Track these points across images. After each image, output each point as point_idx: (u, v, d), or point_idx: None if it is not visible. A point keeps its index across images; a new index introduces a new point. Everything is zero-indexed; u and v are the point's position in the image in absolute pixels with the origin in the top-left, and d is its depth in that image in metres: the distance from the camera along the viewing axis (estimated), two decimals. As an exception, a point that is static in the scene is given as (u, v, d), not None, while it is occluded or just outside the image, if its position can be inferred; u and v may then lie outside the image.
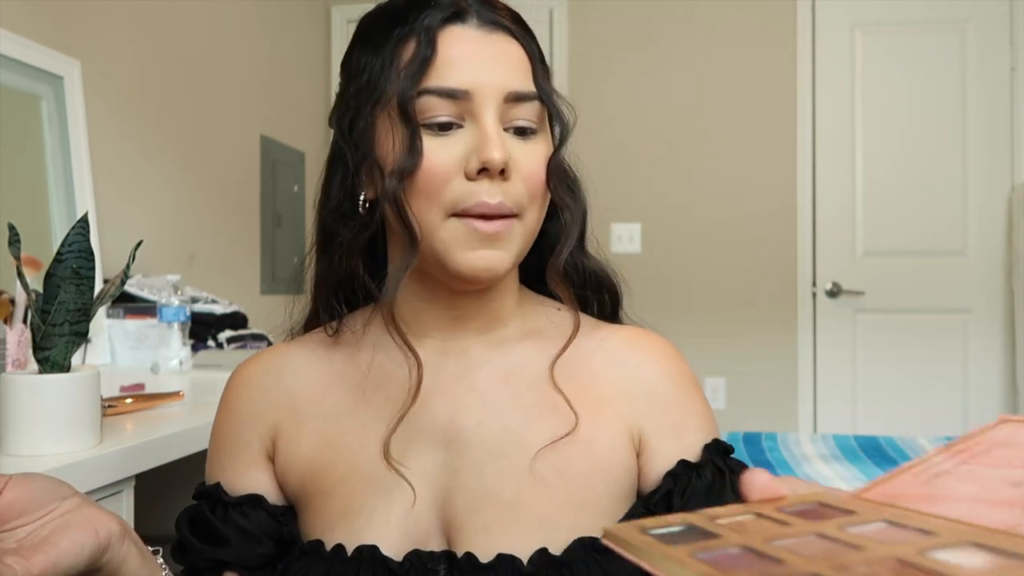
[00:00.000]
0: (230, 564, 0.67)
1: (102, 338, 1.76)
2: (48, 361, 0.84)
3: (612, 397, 0.67)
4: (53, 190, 1.77)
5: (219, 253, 2.57)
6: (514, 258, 0.63)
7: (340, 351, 0.70)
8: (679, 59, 3.29)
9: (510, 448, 0.64)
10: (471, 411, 0.65)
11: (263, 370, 0.71)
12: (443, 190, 0.60)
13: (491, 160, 0.59)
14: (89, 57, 1.92)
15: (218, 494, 0.68)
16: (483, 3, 0.64)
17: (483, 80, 0.61)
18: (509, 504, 0.62)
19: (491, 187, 0.60)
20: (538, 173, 0.63)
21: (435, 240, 0.61)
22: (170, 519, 0.70)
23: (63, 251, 0.81)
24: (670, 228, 3.25)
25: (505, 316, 0.69)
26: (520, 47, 0.64)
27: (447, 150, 0.61)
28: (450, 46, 0.62)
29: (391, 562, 0.61)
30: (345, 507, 0.64)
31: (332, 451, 0.66)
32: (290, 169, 3.08)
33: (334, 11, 3.47)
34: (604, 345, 0.69)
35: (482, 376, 0.67)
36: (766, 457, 2.10)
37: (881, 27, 3.19)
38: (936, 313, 3.16)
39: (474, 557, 0.60)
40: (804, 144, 3.22)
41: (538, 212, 0.64)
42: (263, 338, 2.08)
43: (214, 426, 0.72)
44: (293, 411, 0.68)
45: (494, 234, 0.61)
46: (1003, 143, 3.11)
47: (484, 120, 0.61)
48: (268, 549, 0.67)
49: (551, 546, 0.60)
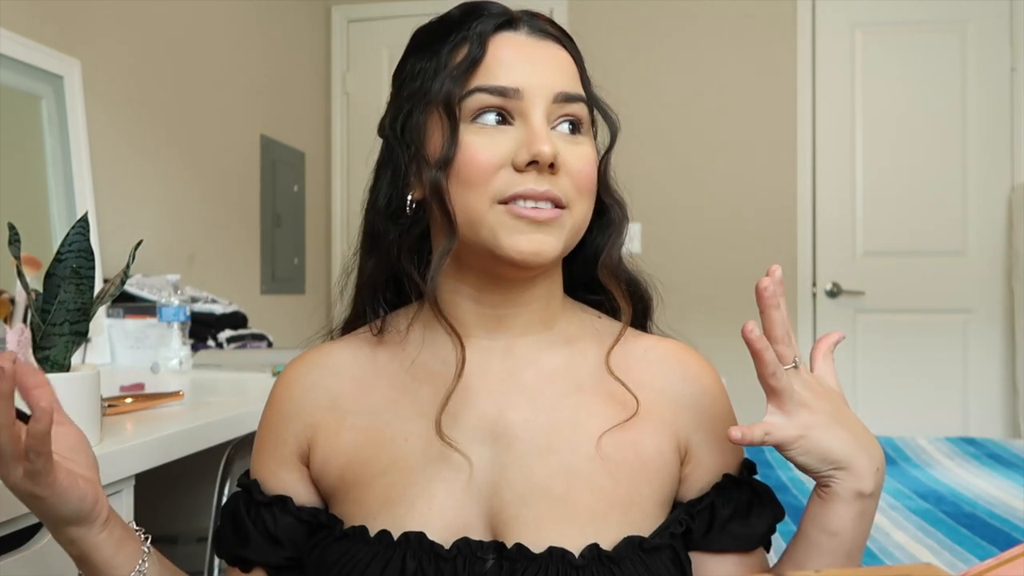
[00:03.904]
0: (255, 562, 0.70)
1: (102, 338, 1.76)
2: (48, 361, 0.84)
3: (659, 404, 0.69)
4: (53, 190, 1.77)
5: (219, 253, 2.57)
6: (563, 245, 0.65)
7: (384, 349, 0.72)
8: (679, 59, 3.29)
9: (559, 445, 0.65)
10: (519, 408, 0.67)
11: (307, 369, 0.73)
12: (490, 180, 0.63)
13: (541, 153, 0.62)
14: (89, 57, 1.92)
15: (252, 491, 0.71)
16: (533, 16, 0.68)
17: (533, 80, 0.64)
18: (559, 499, 0.64)
19: (539, 178, 0.63)
20: (586, 171, 0.66)
21: (482, 228, 0.63)
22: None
23: (63, 251, 0.81)
24: (670, 228, 3.25)
25: (549, 319, 0.71)
26: (568, 54, 0.68)
27: (495, 144, 0.63)
28: (501, 49, 0.65)
29: (439, 548, 0.62)
30: (386, 497, 0.65)
31: (373, 445, 0.67)
32: (290, 169, 3.08)
33: (334, 11, 3.47)
34: (648, 355, 0.72)
35: (529, 374, 0.69)
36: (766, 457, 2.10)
37: (881, 27, 3.19)
38: (936, 313, 3.16)
39: (525, 548, 0.62)
40: (804, 144, 3.22)
41: (586, 208, 0.67)
42: (263, 338, 2.08)
43: (259, 423, 0.74)
44: (334, 408, 0.70)
45: (544, 220, 0.63)
46: (1003, 143, 3.11)
47: (533, 118, 0.63)
48: (291, 552, 0.70)
49: (601, 542, 0.62)
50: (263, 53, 2.87)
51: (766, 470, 1.97)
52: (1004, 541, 1.46)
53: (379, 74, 3.39)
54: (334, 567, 0.64)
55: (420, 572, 0.61)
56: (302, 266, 3.17)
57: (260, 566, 0.71)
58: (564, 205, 0.64)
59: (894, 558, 1.40)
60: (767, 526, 0.69)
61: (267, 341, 2.08)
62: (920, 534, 1.51)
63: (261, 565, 0.71)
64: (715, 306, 3.20)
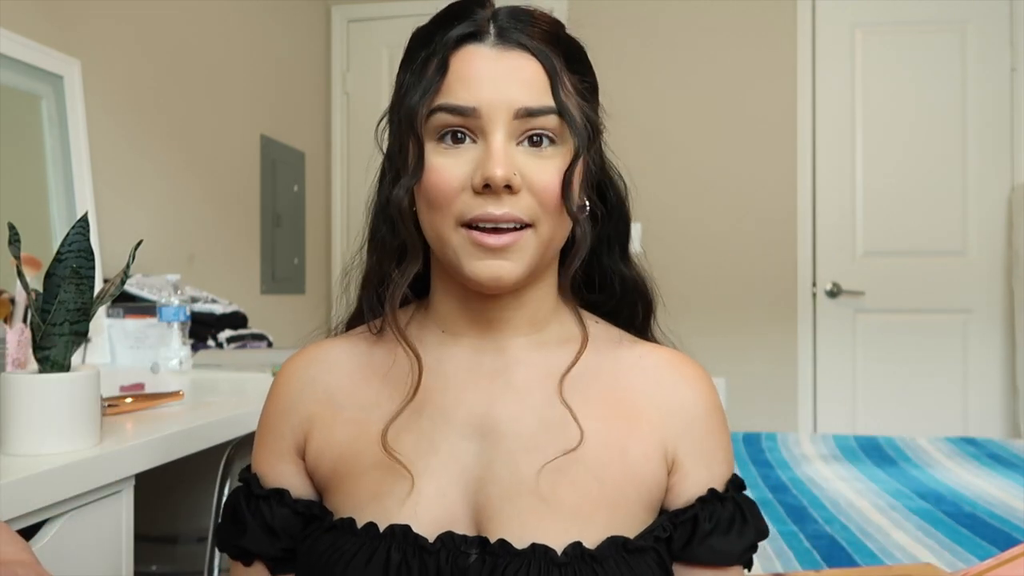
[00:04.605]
0: (255, 554, 0.71)
1: (102, 338, 1.76)
2: (48, 361, 0.84)
3: (648, 411, 0.69)
4: (53, 190, 1.77)
5: (219, 253, 2.57)
6: (524, 268, 0.64)
7: (381, 347, 0.72)
8: (679, 59, 3.29)
9: (546, 443, 0.65)
10: (507, 405, 0.67)
11: (304, 364, 0.74)
12: (452, 203, 0.63)
13: (492, 177, 0.61)
14: (89, 57, 1.92)
15: (252, 485, 0.72)
16: (512, 16, 0.66)
17: (491, 97, 0.63)
18: (544, 496, 0.64)
19: (497, 200, 0.62)
20: (551, 187, 0.64)
21: (448, 249, 0.64)
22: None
23: (63, 251, 0.81)
24: (670, 228, 3.24)
25: (541, 321, 0.71)
26: (537, 63, 0.64)
27: (456, 165, 0.63)
28: (462, 65, 0.64)
29: (423, 540, 0.63)
30: (375, 490, 0.66)
31: (366, 439, 0.68)
32: (290, 169, 3.08)
33: (334, 11, 3.47)
34: (642, 362, 0.71)
35: (520, 374, 0.69)
36: (766, 457, 2.10)
37: (881, 27, 3.19)
38: (936, 313, 3.16)
39: (508, 543, 0.62)
40: (804, 144, 3.22)
41: (555, 221, 0.65)
42: (263, 338, 2.08)
43: (260, 417, 0.75)
44: (330, 402, 0.71)
45: (501, 247, 0.62)
46: (1003, 143, 3.11)
47: (492, 137, 0.62)
48: (288, 544, 0.71)
49: (585, 541, 0.63)
50: (263, 53, 2.87)
51: (766, 470, 1.97)
52: (1004, 541, 1.46)
53: (379, 74, 3.39)
54: (321, 558, 0.65)
55: (404, 565, 0.62)
56: (302, 266, 3.17)
57: (260, 559, 0.72)
58: (528, 223, 0.63)
59: (894, 558, 1.40)
60: (747, 544, 0.69)
61: (267, 341, 2.09)
62: (920, 534, 1.51)
63: (260, 557, 0.72)
64: (715, 306, 3.20)
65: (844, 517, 1.59)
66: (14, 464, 0.80)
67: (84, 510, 0.86)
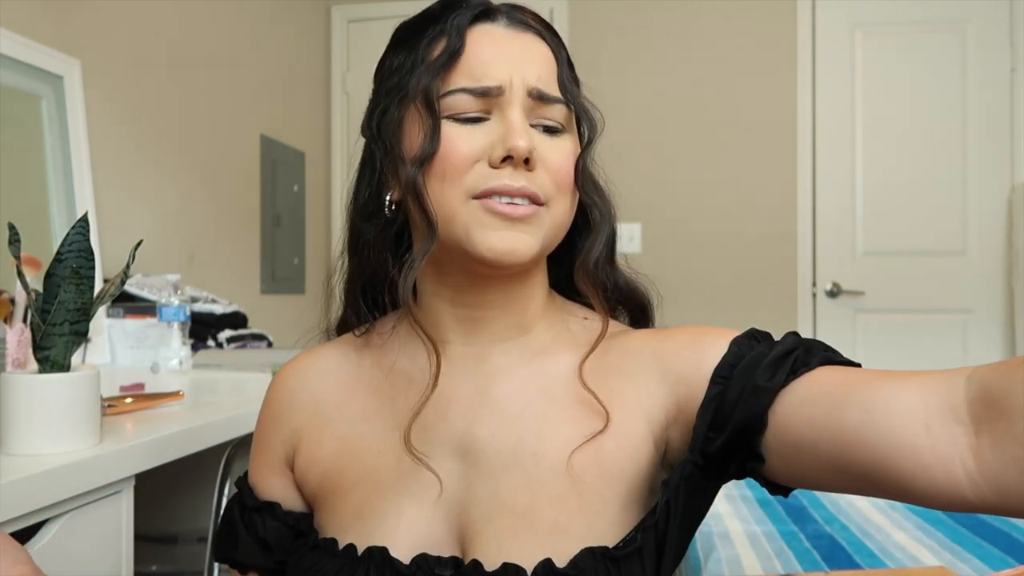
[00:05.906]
0: (249, 566, 0.71)
1: (102, 338, 1.76)
2: (48, 361, 0.84)
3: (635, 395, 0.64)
4: (53, 190, 1.77)
5: (219, 253, 2.57)
6: (540, 245, 0.62)
7: (369, 354, 0.71)
8: (679, 59, 3.28)
9: (524, 458, 0.63)
10: (486, 423, 0.65)
11: (295, 373, 0.73)
12: (465, 175, 0.61)
13: (516, 147, 0.60)
14: (89, 57, 1.92)
15: (245, 495, 0.72)
16: (513, 7, 0.66)
17: (510, 76, 0.62)
18: (521, 514, 0.62)
19: (515, 173, 0.61)
20: (565, 167, 0.64)
21: (455, 224, 0.61)
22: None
23: (63, 251, 0.81)
24: (670, 228, 3.25)
25: (529, 322, 0.68)
26: (548, 48, 0.66)
27: (472, 137, 0.62)
28: (479, 43, 0.63)
29: (399, 564, 0.62)
30: (358, 510, 0.65)
31: (349, 455, 0.67)
32: (290, 169, 3.08)
33: (334, 11, 3.47)
34: (625, 347, 0.67)
35: (500, 386, 0.66)
36: (766, 457, 2.10)
37: (881, 27, 3.19)
38: (936, 313, 3.16)
39: (480, 564, 0.60)
40: (804, 144, 3.22)
41: (566, 205, 0.64)
42: (263, 338, 2.08)
43: (256, 425, 0.75)
44: (316, 414, 0.70)
45: (519, 217, 0.61)
46: (1003, 143, 3.11)
47: (510, 113, 0.62)
48: (280, 556, 0.70)
49: (558, 556, 0.60)
50: (263, 53, 2.87)
51: (766, 470, 1.96)
52: (1004, 541, 1.46)
53: (379, 74, 3.39)
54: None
55: None
56: (302, 266, 3.17)
57: (254, 570, 0.72)
58: (542, 202, 0.62)
59: (894, 558, 1.40)
60: (788, 347, 0.59)
61: (267, 341, 2.09)
62: (920, 534, 1.51)
63: (254, 569, 0.71)
64: (715, 306, 3.20)
65: (844, 517, 1.59)
66: (14, 464, 0.80)
67: (84, 510, 0.86)
